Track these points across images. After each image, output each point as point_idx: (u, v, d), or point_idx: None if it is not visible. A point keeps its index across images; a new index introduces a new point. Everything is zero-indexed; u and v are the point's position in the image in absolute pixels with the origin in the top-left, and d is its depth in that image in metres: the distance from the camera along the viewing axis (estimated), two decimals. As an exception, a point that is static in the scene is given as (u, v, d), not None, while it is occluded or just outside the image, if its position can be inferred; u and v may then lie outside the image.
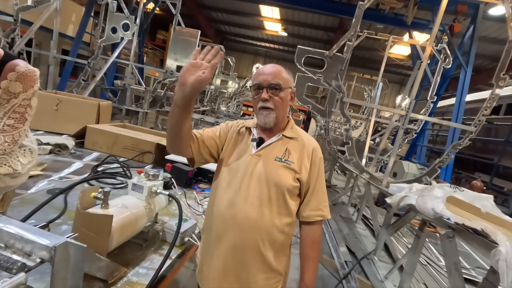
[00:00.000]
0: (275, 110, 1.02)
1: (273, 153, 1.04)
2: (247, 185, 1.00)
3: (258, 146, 1.05)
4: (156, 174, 1.24)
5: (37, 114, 2.65)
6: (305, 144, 1.08)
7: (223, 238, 1.00)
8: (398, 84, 16.82)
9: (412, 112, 3.36)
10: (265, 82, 1.01)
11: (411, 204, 2.00)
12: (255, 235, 0.99)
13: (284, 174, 1.01)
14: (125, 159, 2.32)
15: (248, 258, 1.00)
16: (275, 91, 1.01)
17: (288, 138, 1.07)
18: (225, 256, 1.00)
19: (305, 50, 3.66)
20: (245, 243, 0.99)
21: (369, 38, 5.53)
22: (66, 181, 1.63)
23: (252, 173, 1.01)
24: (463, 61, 6.17)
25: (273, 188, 1.00)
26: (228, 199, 1.01)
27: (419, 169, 5.61)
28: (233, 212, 0.99)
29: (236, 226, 0.99)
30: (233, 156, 1.07)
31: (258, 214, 0.99)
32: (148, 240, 1.20)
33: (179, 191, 1.80)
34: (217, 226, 1.02)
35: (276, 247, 1.02)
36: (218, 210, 1.03)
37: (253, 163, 1.02)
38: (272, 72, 1.02)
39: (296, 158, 1.04)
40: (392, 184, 2.76)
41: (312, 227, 1.07)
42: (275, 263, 1.02)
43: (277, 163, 1.02)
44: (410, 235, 4.22)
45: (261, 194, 1.00)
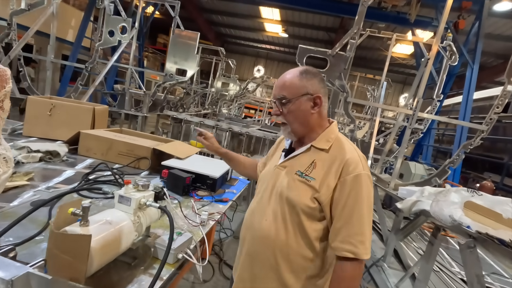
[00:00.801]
0: (288, 124, 0.98)
1: (297, 165, 0.96)
2: (268, 197, 0.99)
3: (286, 156, 1.02)
4: (146, 184, 1.12)
5: (30, 120, 2.57)
6: (338, 156, 0.91)
7: (243, 243, 1.06)
8: (401, 84, 16.65)
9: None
10: (274, 96, 0.98)
11: (425, 210, 1.86)
12: (266, 249, 0.96)
13: (301, 191, 0.91)
14: (120, 166, 2.21)
15: (259, 271, 0.98)
16: (283, 105, 0.97)
17: (318, 149, 0.96)
18: (243, 261, 1.05)
19: (307, 49, 3.55)
20: (257, 254, 0.99)
21: (371, 37, 5.41)
22: (54, 192, 1.52)
23: (274, 185, 0.98)
24: (469, 58, 6.02)
25: (287, 206, 0.93)
26: (251, 207, 1.04)
27: (427, 170, 5.45)
28: (251, 221, 1.02)
29: (252, 235, 1.01)
30: (267, 165, 1.10)
31: (272, 229, 0.95)
32: (137, 258, 1.08)
33: (174, 200, 1.68)
34: (242, 230, 1.10)
35: (297, 271, 0.94)
36: (245, 216, 1.08)
37: (276, 175, 1.00)
38: (280, 84, 0.98)
39: (321, 173, 0.91)
40: (401, 187, 2.62)
41: (341, 264, 0.88)
42: (288, 278, 0.94)
43: (297, 177, 0.94)
44: (420, 240, 4.06)
45: (277, 210, 0.95)
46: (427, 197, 1.99)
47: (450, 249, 3.91)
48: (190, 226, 1.45)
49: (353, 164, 0.88)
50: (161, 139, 2.75)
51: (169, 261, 1.10)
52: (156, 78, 11.47)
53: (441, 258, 3.48)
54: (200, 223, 1.49)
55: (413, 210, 1.98)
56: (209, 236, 2.48)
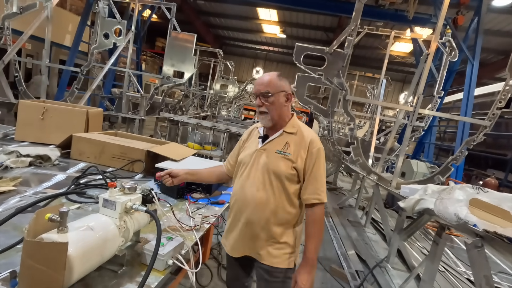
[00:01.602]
0: (269, 112, 1.26)
1: (275, 147, 1.28)
2: (254, 173, 1.27)
3: (263, 141, 1.31)
4: (133, 187, 1.06)
5: (22, 125, 2.52)
6: (304, 137, 1.27)
7: (239, 215, 1.30)
8: (400, 82, 16.58)
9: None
10: (258, 92, 1.27)
11: (429, 209, 1.79)
12: (262, 213, 1.24)
13: (283, 164, 1.23)
14: (113, 169, 2.15)
15: (258, 231, 1.26)
16: (266, 98, 1.25)
17: (288, 133, 1.29)
18: (241, 229, 1.29)
19: (304, 47, 3.50)
20: (254, 218, 1.25)
21: (370, 35, 5.34)
22: (41, 197, 1.46)
23: (258, 164, 1.28)
24: (469, 54, 5.95)
25: (273, 176, 1.24)
26: (240, 184, 1.31)
27: (429, 168, 5.37)
28: (244, 194, 1.28)
29: (247, 205, 1.26)
30: (246, 151, 1.37)
31: (263, 196, 1.24)
32: (125, 265, 1.02)
33: (166, 204, 1.62)
34: (234, 205, 1.34)
35: (283, 224, 1.27)
36: (234, 193, 1.36)
37: (259, 156, 1.29)
38: (263, 82, 1.26)
39: (293, 150, 1.25)
40: (403, 186, 2.55)
41: (312, 209, 1.25)
42: (282, 237, 1.27)
43: (277, 155, 1.25)
44: (424, 239, 3.98)
45: (264, 180, 1.25)
46: (431, 195, 1.92)
47: (455, 248, 3.83)
48: (184, 229, 1.39)
49: (315, 142, 1.26)
50: (156, 141, 2.70)
51: (159, 268, 1.04)
52: (155, 81, 11.44)
53: (446, 258, 3.40)
54: (194, 226, 1.42)
55: (417, 208, 1.91)
56: (205, 240, 2.42)
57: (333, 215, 4.18)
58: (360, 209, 4.95)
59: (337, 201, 5.04)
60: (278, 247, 1.27)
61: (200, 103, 10.44)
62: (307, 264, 1.23)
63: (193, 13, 13.05)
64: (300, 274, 1.22)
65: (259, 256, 1.29)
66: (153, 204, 1.13)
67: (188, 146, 4.01)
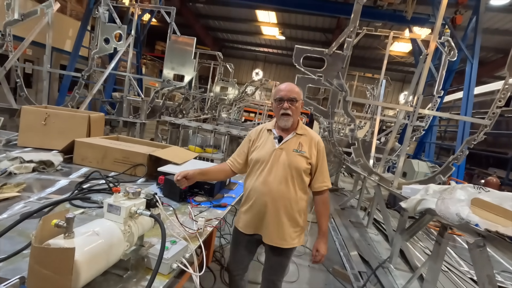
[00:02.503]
0: (292, 115, 1.50)
1: (291, 146, 1.51)
2: (276, 169, 1.48)
3: (279, 142, 1.53)
4: (137, 192, 1.07)
5: (24, 130, 2.54)
6: (312, 138, 1.56)
7: (263, 205, 1.49)
8: (400, 82, 16.59)
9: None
10: (286, 97, 1.49)
11: (430, 209, 1.80)
12: (285, 202, 1.49)
13: (300, 160, 1.49)
14: (116, 174, 2.16)
15: (283, 218, 1.50)
16: (293, 103, 1.49)
17: (299, 134, 1.54)
18: (266, 217, 1.50)
19: (304, 49, 3.51)
20: (280, 207, 1.48)
21: (369, 36, 5.35)
22: (45, 202, 1.47)
23: (278, 161, 1.49)
24: (468, 53, 5.97)
25: (294, 171, 1.48)
26: (262, 179, 1.50)
27: (430, 167, 5.37)
28: (268, 189, 1.48)
29: (274, 198, 1.47)
30: (262, 150, 1.55)
31: (286, 188, 1.48)
32: (130, 270, 1.03)
33: (169, 207, 1.63)
34: (257, 198, 1.51)
35: (300, 209, 1.53)
36: (254, 187, 1.53)
37: (278, 154, 1.50)
38: (290, 89, 1.50)
39: (307, 148, 1.52)
40: (405, 186, 2.55)
41: (322, 194, 1.57)
42: (299, 220, 1.54)
43: (295, 153, 1.49)
44: (426, 239, 3.98)
45: (286, 175, 1.48)
46: (432, 195, 1.93)
47: (458, 248, 3.82)
48: (187, 233, 1.40)
49: (320, 141, 1.56)
50: (158, 145, 2.71)
51: (164, 272, 1.05)
52: (155, 85, 11.46)
53: (449, 257, 3.40)
54: (197, 230, 1.43)
55: (418, 209, 1.92)
56: (208, 243, 2.43)
57: (335, 216, 4.18)
58: (362, 209, 4.95)
59: (339, 202, 5.04)
60: (296, 230, 1.54)
61: (201, 105, 10.47)
62: (324, 236, 1.57)
63: (192, 17, 13.10)
64: (319, 244, 1.55)
65: (284, 242, 1.52)
66: (156, 209, 1.14)
67: (189, 149, 4.02)
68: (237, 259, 1.73)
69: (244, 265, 1.74)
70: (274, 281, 1.65)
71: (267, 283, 1.66)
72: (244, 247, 1.68)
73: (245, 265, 1.75)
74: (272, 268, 1.63)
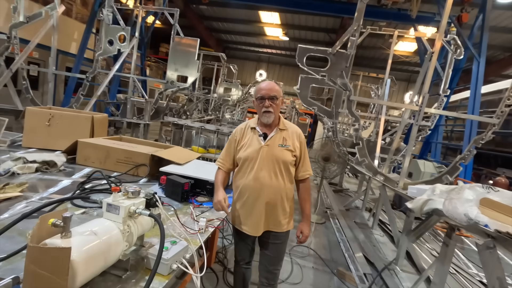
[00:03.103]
0: (273, 112, 1.58)
1: (276, 142, 1.60)
2: (265, 165, 1.56)
3: (264, 139, 1.61)
4: (136, 191, 1.06)
5: (29, 131, 2.55)
6: (294, 131, 1.67)
7: (257, 200, 1.58)
8: (405, 82, 16.42)
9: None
10: (266, 95, 1.56)
11: (438, 209, 1.75)
12: (277, 195, 1.59)
13: (286, 154, 1.59)
14: (118, 174, 2.16)
15: (276, 209, 1.61)
16: (274, 100, 1.57)
17: (282, 130, 1.64)
18: (260, 210, 1.59)
19: (307, 48, 3.49)
20: (273, 200, 1.59)
21: (373, 35, 5.27)
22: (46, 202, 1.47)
23: (266, 157, 1.57)
24: (474, 52, 5.87)
25: (282, 164, 1.58)
26: (253, 176, 1.57)
27: (437, 168, 5.29)
28: (260, 184, 1.56)
29: (266, 191, 1.56)
30: (249, 148, 1.61)
31: (276, 181, 1.58)
32: (129, 270, 1.02)
33: (171, 207, 1.61)
34: (250, 194, 1.59)
35: (288, 198, 1.65)
36: (246, 184, 1.60)
37: (265, 151, 1.58)
38: (270, 88, 1.57)
39: (290, 142, 1.62)
40: (411, 186, 2.50)
41: (305, 182, 1.72)
42: (288, 207, 1.66)
43: (281, 148, 1.59)
44: (433, 240, 3.90)
45: (275, 169, 1.58)
46: (439, 195, 1.88)
47: (466, 250, 3.74)
48: (189, 233, 1.38)
49: (301, 133, 1.68)
50: (160, 145, 2.71)
51: (163, 272, 1.03)
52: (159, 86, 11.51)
53: (457, 259, 3.33)
54: (198, 230, 1.41)
55: (425, 209, 1.87)
56: (211, 244, 2.41)
57: (339, 217, 4.13)
58: (367, 210, 4.88)
59: (344, 203, 4.98)
60: (285, 216, 1.65)
61: (204, 107, 10.49)
62: (307, 219, 1.71)
63: (196, 18, 13.16)
64: (303, 226, 1.70)
65: (276, 227, 1.63)
66: (156, 208, 1.12)
67: (192, 149, 4.01)
68: (241, 253, 1.80)
69: (248, 260, 1.82)
70: (271, 270, 1.72)
71: (266, 274, 1.72)
72: (245, 245, 1.75)
73: (248, 260, 1.82)
74: (268, 257, 1.70)
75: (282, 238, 1.68)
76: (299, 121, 9.56)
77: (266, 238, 1.68)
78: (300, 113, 10.11)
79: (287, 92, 14.97)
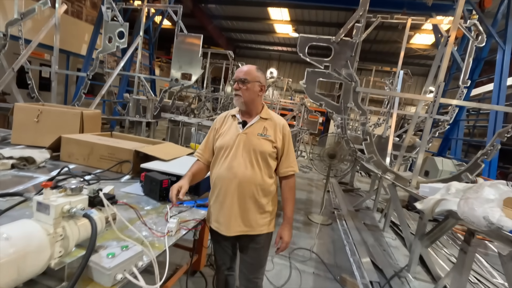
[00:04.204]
0: (242, 96, 1.43)
1: (255, 130, 1.45)
2: (241, 153, 1.41)
3: (243, 126, 1.46)
4: (78, 187, 0.91)
5: (18, 128, 2.50)
6: (277, 122, 1.49)
7: (229, 192, 1.40)
8: (422, 76, 15.67)
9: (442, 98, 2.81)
10: (237, 78, 1.44)
11: (451, 211, 1.50)
12: (251, 187, 1.41)
13: (265, 144, 1.43)
14: (101, 171, 2.04)
15: (249, 204, 1.42)
16: (243, 83, 1.42)
17: (264, 119, 1.48)
18: (232, 205, 1.41)
19: (309, 38, 3.26)
20: (245, 193, 1.40)
21: (387, 29, 4.95)
22: (8, 201, 1.36)
23: (243, 146, 1.42)
24: (499, 39, 5.39)
25: (259, 155, 1.42)
26: (226, 165, 1.41)
27: (456, 166, 4.88)
28: (233, 174, 1.39)
29: (238, 182, 1.39)
30: (226, 136, 1.47)
31: (251, 172, 1.40)
32: (65, 280, 0.86)
33: (146, 207, 1.46)
34: (222, 185, 1.42)
35: (266, 195, 1.45)
36: (219, 174, 1.44)
37: (243, 139, 1.43)
38: (243, 70, 1.44)
39: (272, 132, 1.45)
40: (423, 185, 2.23)
41: (288, 180, 1.50)
42: (267, 206, 1.46)
43: (259, 137, 1.43)
44: (452, 245, 3.56)
45: (251, 159, 1.41)
46: (454, 194, 1.62)
47: (490, 256, 3.38)
48: (154, 236, 1.22)
49: (286, 125, 1.50)
50: (151, 141, 2.58)
51: (106, 284, 0.87)
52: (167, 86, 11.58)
53: (479, 266, 2.99)
54: (167, 232, 1.25)
55: (437, 210, 1.62)
56: (199, 246, 2.25)
57: (347, 218, 3.86)
58: (378, 211, 4.57)
59: (353, 203, 4.69)
60: (264, 216, 1.46)
61: (213, 105, 10.42)
62: (288, 222, 1.48)
63: (205, 18, 13.13)
64: (283, 231, 1.47)
65: (251, 228, 1.44)
66: (103, 208, 0.96)
67: (190, 146, 3.88)
68: (220, 257, 1.61)
69: (228, 265, 1.63)
70: (251, 279, 1.52)
71: (246, 283, 1.53)
72: (222, 247, 1.57)
73: (230, 266, 1.63)
74: (247, 263, 1.52)
75: (261, 241, 1.48)
76: (310, 119, 9.26)
77: (244, 241, 1.49)
78: (310, 111, 9.80)
79: (298, 90, 14.67)
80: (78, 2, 8.34)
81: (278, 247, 1.48)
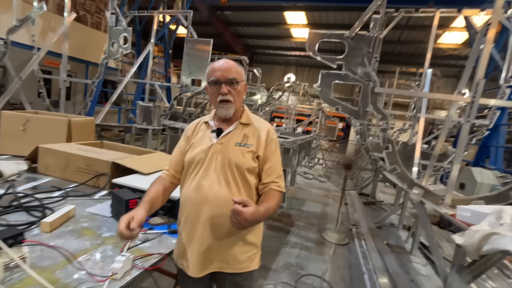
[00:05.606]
0: (233, 102, 1.14)
1: (233, 139, 1.16)
2: (213, 169, 1.12)
3: (218, 135, 1.16)
4: None
5: (4, 137, 2.36)
6: (261, 127, 1.20)
7: (199, 220, 1.10)
8: (453, 78, 14.54)
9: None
10: (223, 78, 1.11)
11: (509, 252, 1.07)
12: (226, 210, 1.00)
13: (244, 156, 1.13)
14: (76, 185, 1.82)
15: (223, 235, 1.10)
16: (233, 85, 1.13)
17: (244, 124, 1.19)
18: (202, 236, 1.10)
19: (319, 34, 2.91)
20: (218, 220, 1.09)
21: (412, 28, 4.46)
22: None
23: (216, 159, 1.13)
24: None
25: (235, 169, 1.11)
26: (195, 184, 1.12)
27: (499, 178, 4.22)
28: (203, 195, 1.10)
29: (210, 206, 1.09)
30: (197, 148, 1.17)
31: (226, 193, 1.09)
32: None
33: (105, 233, 1.18)
34: (190, 211, 1.13)
35: None
36: (186, 196, 1.15)
37: (216, 151, 1.14)
38: (227, 67, 1.12)
39: (254, 141, 1.16)
40: (461, 207, 1.76)
41: (273, 192, 1.13)
42: (249, 236, 1.15)
43: (237, 147, 1.14)
44: (499, 276, 2.95)
45: (226, 176, 1.11)
46: (509, 226, 1.18)
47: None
48: (92, 279, 0.92)
49: (271, 132, 1.20)
50: (140, 151, 2.35)
51: None
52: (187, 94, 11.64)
53: (536, 307, 2.40)
54: (111, 275, 0.95)
55: (485, 249, 1.19)
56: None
57: (367, 237, 3.38)
58: (405, 229, 4.02)
59: (375, 219, 4.18)
60: (245, 250, 1.15)
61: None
62: (261, 208, 1.02)
63: (221, 25, 13.17)
64: (252, 207, 0.97)
65: (226, 265, 1.13)
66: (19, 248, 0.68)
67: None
68: None
69: None
70: None
71: None
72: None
73: None
74: None
75: (243, 282, 1.16)
76: (327, 124, 8.78)
77: (221, 281, 1.18)
78: (328, 116, 9.31)
79: (315, 95, 14.19)
80: (98, 14, 8.62)
81: (234, 209, 0.94)
